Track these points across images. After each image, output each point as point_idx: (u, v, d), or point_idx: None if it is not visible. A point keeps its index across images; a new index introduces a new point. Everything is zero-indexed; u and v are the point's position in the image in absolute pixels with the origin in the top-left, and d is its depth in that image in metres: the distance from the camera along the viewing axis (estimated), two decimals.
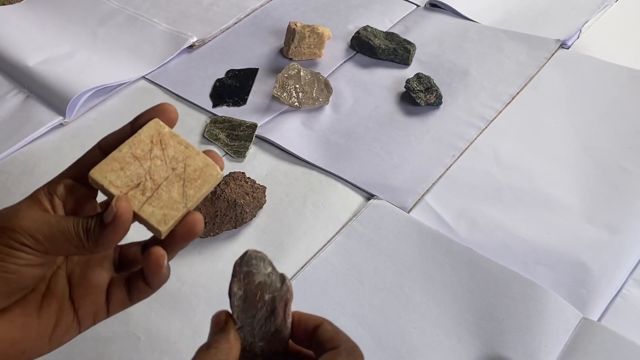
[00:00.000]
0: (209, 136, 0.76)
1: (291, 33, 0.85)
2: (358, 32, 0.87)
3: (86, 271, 0.40)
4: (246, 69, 0.86)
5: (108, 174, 0.38)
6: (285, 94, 0.78)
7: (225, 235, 0.65)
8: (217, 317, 0.37)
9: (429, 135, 0.76)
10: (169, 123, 0.40)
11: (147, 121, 0.40)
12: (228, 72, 0.85)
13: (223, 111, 0.80)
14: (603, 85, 0.81)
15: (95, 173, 0.38)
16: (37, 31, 0.90)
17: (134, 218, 0.38)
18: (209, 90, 0.83)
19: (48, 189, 0.38)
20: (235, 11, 0.95)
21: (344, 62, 0.87)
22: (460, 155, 0.73)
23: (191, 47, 0.89)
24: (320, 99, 0.79)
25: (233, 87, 0.83)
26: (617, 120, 0.77)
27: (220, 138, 0.75)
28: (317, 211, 0.68)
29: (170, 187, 0.38)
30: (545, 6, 0.95)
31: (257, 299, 0.37)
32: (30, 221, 0.35)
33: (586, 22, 0.90)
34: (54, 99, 0.79)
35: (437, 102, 0.78)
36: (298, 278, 0.61)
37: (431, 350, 0.56)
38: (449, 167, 0.72)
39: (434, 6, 0.95)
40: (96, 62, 0.85)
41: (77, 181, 0.39)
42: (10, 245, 0.35)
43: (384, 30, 0.90)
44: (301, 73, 0.79)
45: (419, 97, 0.78)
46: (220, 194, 0.65)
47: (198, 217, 0.38)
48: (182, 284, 0.61)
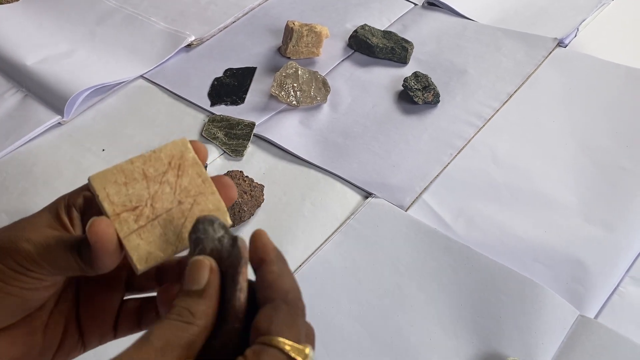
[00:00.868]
0: (207, 135, 0.76)
1: (289, 32, 0.85)
2: (356, 31, 0.87)
3: (96, 290, 0.38)
4: (244, 68, 0.86)
5: (108, 186, 0.33)
6: (283, 93, 0.78)
7: None
8: (201, 264, 0.31)
9: (427, 133, 0.76)
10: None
11: None
12: (226, 71, 0.85)
13: (221, 110, 0.80)
14: (600, 83, 0.82)
15: (95, 179, 0.33)
16: (35, 30, 0.90)
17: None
18: (207, 89, 0.83)
19: (69, 200, 0.36)
20: (233, 10, 0.95)
21: (342, 61, 0.87)
22: (458, 153, 0.73)
23: (189, 46, 0.89)
24: (318, 98, 0.79)
25: (231, 86, 0.83)
26: (615, 118, 0.77)
27: (218, 137, 0.75)
28: (315, 210, 0.68)
29: (167, 223, 0.34)
30: (542, 5, 0.95)
31: None
32: (33, 245, 0.33)
33: (584, 21, 0.90)
34: (52, 98, 0.79)
35: (435, 101, 0.78)
36: (296, 276, 0.61)
37: (429, 347, 0.56)
38: (447, 166, 0.72)
39: (432, 5, 0.95)
40: (94, 61, 0.85)
41: None
42: (13, 268, 0.33)
43: (382, 29, 0.90)
44: (299, 72, 0.79)
45: (417, 96, 0.78)
46: None
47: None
48: None
